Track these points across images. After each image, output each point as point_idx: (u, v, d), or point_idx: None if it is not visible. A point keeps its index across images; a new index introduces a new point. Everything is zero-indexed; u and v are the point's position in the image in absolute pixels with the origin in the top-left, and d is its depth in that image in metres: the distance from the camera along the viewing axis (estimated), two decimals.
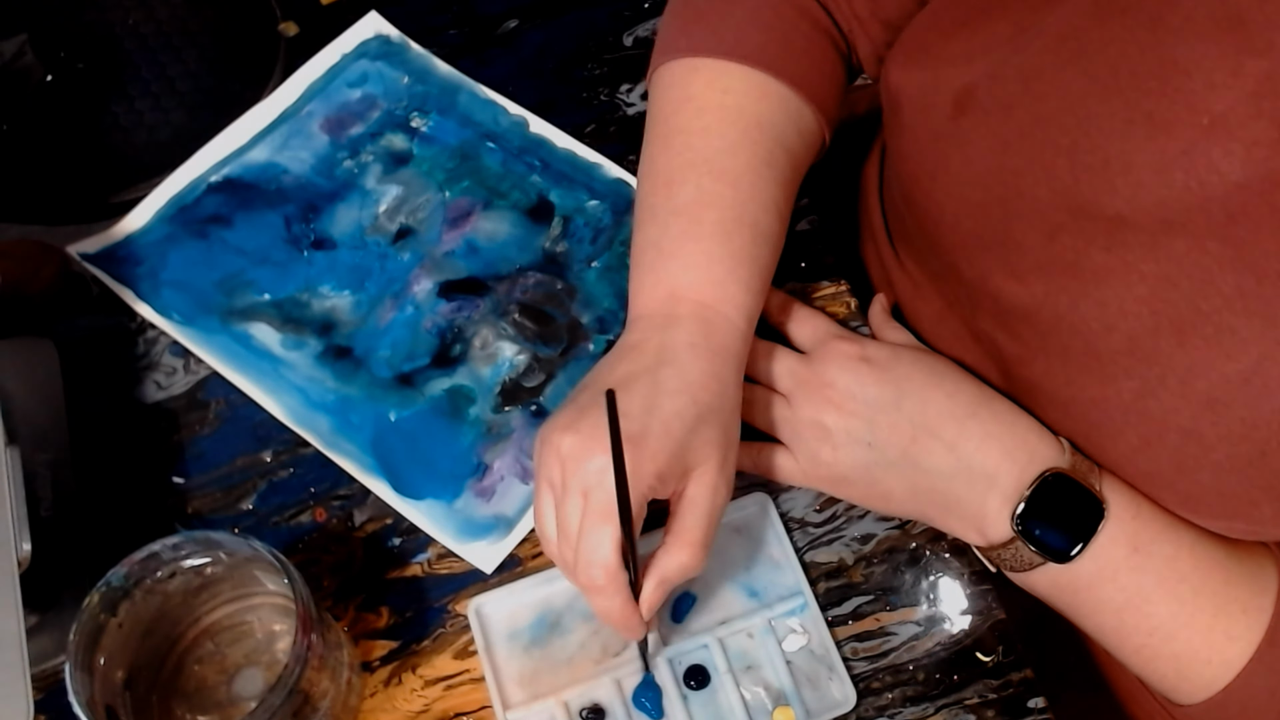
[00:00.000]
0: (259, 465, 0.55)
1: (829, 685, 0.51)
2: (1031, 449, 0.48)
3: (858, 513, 0.55)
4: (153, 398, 0.57)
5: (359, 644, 0.52)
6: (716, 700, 0.50)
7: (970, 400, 0.50)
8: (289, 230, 0.61)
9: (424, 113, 0.64)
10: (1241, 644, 0.45)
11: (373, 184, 0.62)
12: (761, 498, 0.54)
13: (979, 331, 0.53)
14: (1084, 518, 0.47)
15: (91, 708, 0.39)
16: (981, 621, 0.53)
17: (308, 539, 0.54)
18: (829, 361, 0.52)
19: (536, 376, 0.57)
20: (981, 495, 0.49)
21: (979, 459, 0.49)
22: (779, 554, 0.53)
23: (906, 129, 0.53)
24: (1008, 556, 0.49)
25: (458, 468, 0.55)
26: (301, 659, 0.40)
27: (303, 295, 0.59)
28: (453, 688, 0.51)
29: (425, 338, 0.58)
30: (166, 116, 0.64)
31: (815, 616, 0.52)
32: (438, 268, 0.60)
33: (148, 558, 0.41)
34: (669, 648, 0.51)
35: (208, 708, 0.46)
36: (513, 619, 0.52)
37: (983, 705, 0.51)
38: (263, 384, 0.56)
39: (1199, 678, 0.46)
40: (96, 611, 0.40)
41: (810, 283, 0.60)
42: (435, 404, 0.56)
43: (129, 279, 0.59)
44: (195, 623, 0.46)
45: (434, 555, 0.53)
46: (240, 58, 0.66)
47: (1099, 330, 0.45)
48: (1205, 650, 0.46)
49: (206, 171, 0.62)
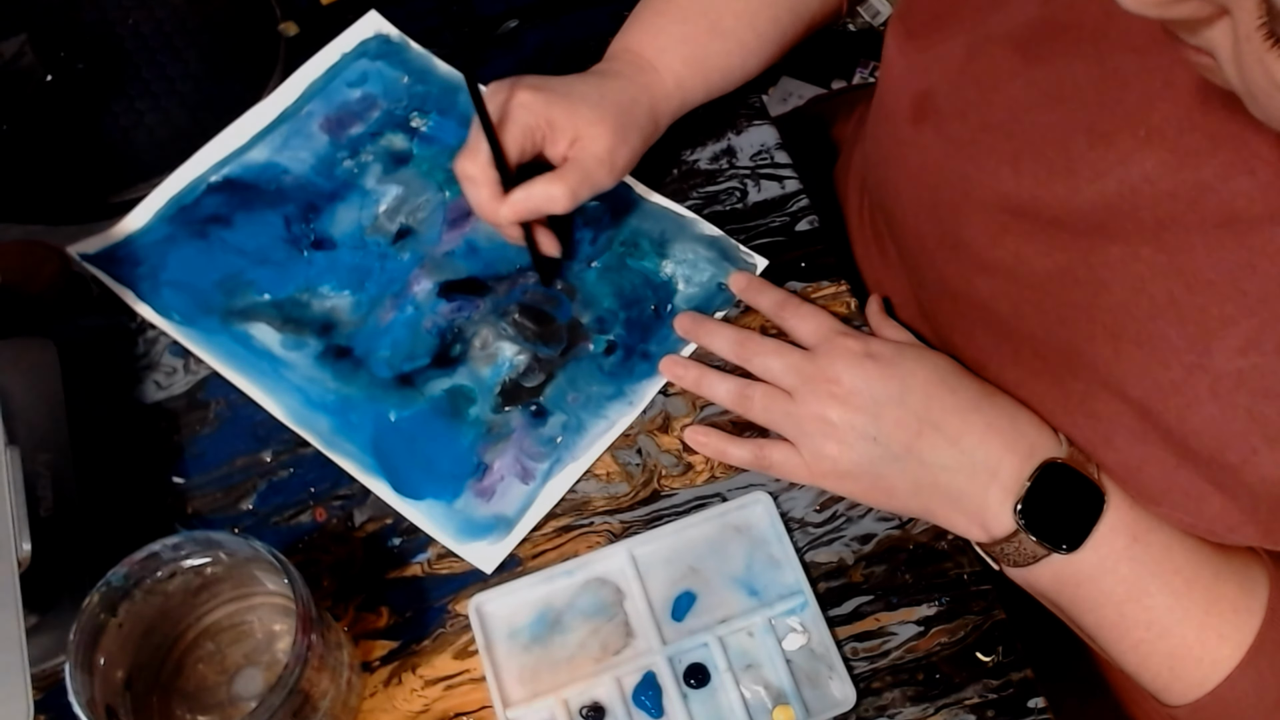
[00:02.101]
0: (259, 465, 0.55)
1: (829, 684, 0.51)
2: (1031, 441, 0.49)
3: (858, 513, 0.55)
4: (153, 398, 0.57)
5: (359, 644, 0.52)
6: (716, 699, 0.50)
7: (972, 395, 0.51)
8: (289, 230, 0.61)
9: (424, 113, 0.64)
10: (1231, 645, 0.46)
11: (373, 184, 0.62)
12: (762, 496, 0.54)
13: (943, 335, 0.55)
14: (1085, 506, 0.47)
15: (91, 708, 0.39)
16: (981, 621, 0.53)
17: (308, 539, 0.54)
18: (833, 357, 0.53)
19: (536, 376, 0.57)
20: (984, 488, 0.49)
21: (981, 452, 0.49)
22: (779, 553, 0.53)
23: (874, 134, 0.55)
24: (1010, 550, 0.49)
25: (458, 468, 0.55)
26: (301, 659, 0.40)
27: (303, 295, 0.59)
28: (453, 688, 0.51)
29: (425, 338, 0.58)
30: (166, 116, 0.64)
31: (815, 615, 0.52)
32: (438, 268, 0.60)
33: (148, 558, 0.41)
34: (669, 646, 0.51)
35: (208, 708, 0.46)
36: (513, 617, 0.52)
37: (983, 705, 0.51)
38: (263, 384, 0.56)
39: (1190, 677, 0.46)
40: (96, 611, 0.40)
41: (810, 283, 0.60)
42: (435, 404, 0.56)
43: (129, 279, 0.59)
44: (195, 623, 0.46)
45: (434, 555, 0.53)
46: (240, 58, 0.66)
47: (1042, 334, 0.47)
48: (1198, 648, 0.46)
49: (206, 171, 0.62)
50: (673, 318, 0.59)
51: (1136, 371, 0.43)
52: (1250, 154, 0.38)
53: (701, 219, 0.62)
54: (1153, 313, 0.42)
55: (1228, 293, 0.39)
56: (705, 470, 0.56)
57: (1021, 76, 0.45)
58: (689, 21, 0.58)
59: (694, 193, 0.63)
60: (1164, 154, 0.40)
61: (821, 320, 0.56)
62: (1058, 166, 0.44)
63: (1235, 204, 0.39)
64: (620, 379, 0.57)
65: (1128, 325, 0.43)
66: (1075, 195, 0.43)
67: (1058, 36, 0.44)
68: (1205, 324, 0.40)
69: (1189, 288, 0.40)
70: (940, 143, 0.50)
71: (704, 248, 0.61)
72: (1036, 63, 0.45)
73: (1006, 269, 0.48)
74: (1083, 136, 0.43)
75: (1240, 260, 0.39)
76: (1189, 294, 0.40)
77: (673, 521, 0.54)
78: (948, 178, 0.50)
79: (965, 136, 0.48)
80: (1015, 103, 0.46)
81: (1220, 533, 0.44)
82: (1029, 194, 0.45)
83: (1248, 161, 0.38)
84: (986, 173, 0.47)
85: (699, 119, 0.63)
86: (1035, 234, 0.46)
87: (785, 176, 0.63)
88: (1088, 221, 0.43)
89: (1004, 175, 0.46)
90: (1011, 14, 0.46)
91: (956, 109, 0.49)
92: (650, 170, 0.62)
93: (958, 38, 0.48)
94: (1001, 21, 0.46)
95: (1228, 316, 0.40)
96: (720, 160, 0.64)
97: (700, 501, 0.55)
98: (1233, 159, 0.38)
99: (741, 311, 0.60)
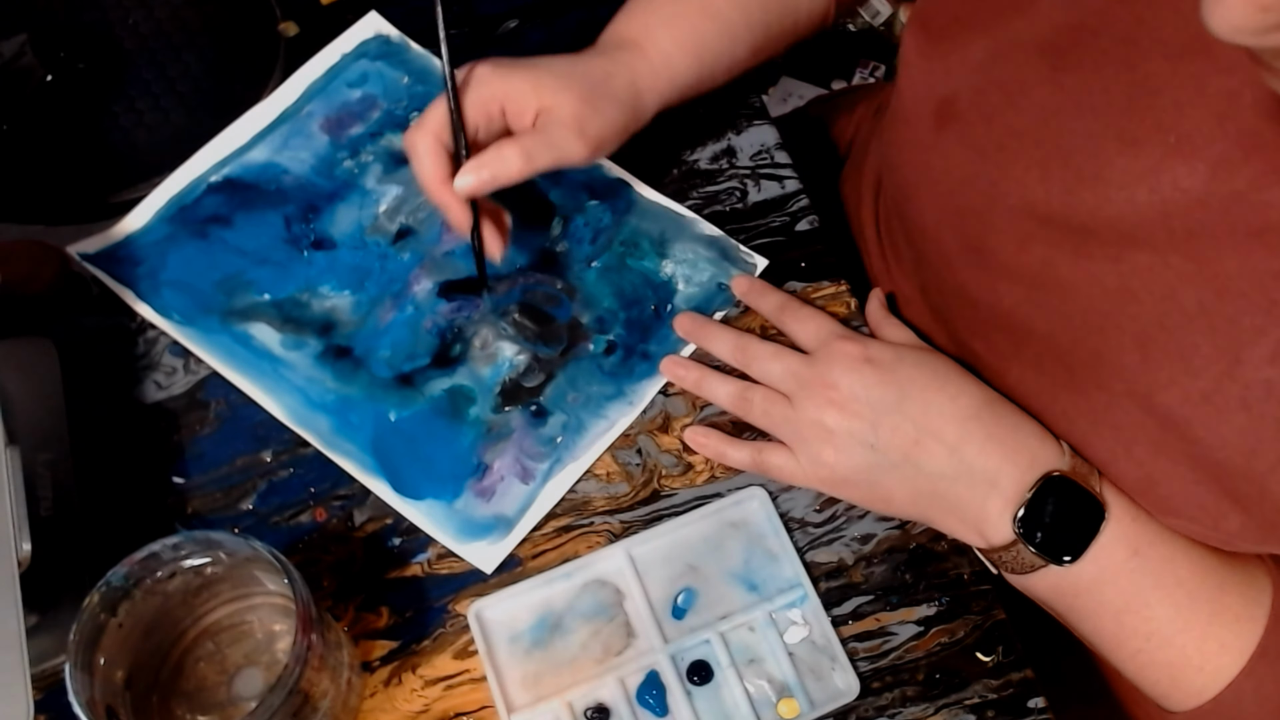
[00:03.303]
0: (259, 465, 0.55)
1: (832, 676, 0.51)
2: (1033, 452, 0.48)
3: (858, 513, 0.55)
4: (153, 398, 0.57)
5: (359, 644, 0.52)
6: (720, 695, 0.50)
7: (972, 402, 0.50)
8: (289, 230, 0.61)
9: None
10: (1233, 654, 0.45)
11: (373, 184, 0.62)
12: (757, 492, 0.54)
13: (960, 341, 0.54)
14: (1085, 520, 0.47)
15: (91, 708, 0.39)
16: (981, 621, 0.53)
17: (308, 539, 0.54)
18: (832, 362, 0.52)
19: (536, 376, 0.57)
20: (983, 498, 0.49)
21: (980, 461, 0.49)
22: (777, 547, 0.53)
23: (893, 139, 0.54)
24: (1009, 559, 0.49)
25: (458, 468, 0.55)
26: (301, 659, 0.40)
27: (303, 295, 0.59)
28: (453, 688, 0.51)
29: (425, 338, 0.58)
30: (166, 116, 0.64)
31: (816, 608, 0.52)
32: (438, 268, 0.60)
33: (148, 558, 0.41)
34: (671, 644, 0.51)
35: (208, 708, 0.46)
36: (513, 622, 0.52)
37: (983, 705, 0.51)
38: (263, 384, 0.56)
39: (1190, 685, 0.46)
40: (96, 611, 0.40)
41: (811, 283, 0.60)
42: (435, 404, 0.56)
43: (129, 279, 0.59)
44: (195, 623, 0.46)
45: (434, 555, 0.53)
46: (240, 58, 0.65)
47: (1067, 343, 0.46)
48: (1198, 658, 0.46)
49: (206, 171, 0.62)
50: (673, 318, 0.59)
51: (1165, 381, 0.42)
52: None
53: (701, 219, 0.62)
54: (1182, 322, 0.41)
55: (1259, 302, 0.39)
56: (705, 470, 0.56)
57: (1049, 82, 0.44)
58: (679, 2, 0.56)
59: (694, 193, 0.63)
60: (1195, 162, 0.40)
61: (821, 323, 0.55)
62: (1086, 174, 0.43)
63: (1268, 214, 0.38)
64: (620, 379, 0.57)
65: (1157, 334, 0.42)
66: (1105, 203, 0.43)
67: (1086, 42, 0.43)
68: (1235, 334, 0.40)
69: (1219, 297, 0.40)
70: (964, 148, 0.49)
71: (704, 248, 0.61)
72: (1064, 69, 0.44)
73: (1032, 276, 0.47)
74: (1112, 144, 0.42)
75: (1272, 270, 0.38)
76: (1219, 303, 0.40)
77: (669, 520, 0.54)
78: (973, 184, 0.49)
79: (991, 142, 0.47)
80: (1043, 109, 0.45)
81: (1236, 545, 0.44)
82: (1058, 201, 0.44)
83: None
84: (1013, 179, 0.46)
85: (699, 119, 0.63)
86: (1063, 242, 0.45)
87: (785, 176, 0.63)
88: (1117, 230, 0.43)
89: (1031, 182, 0.45)
90: (1036, 18, 0.45)
91: (981, 114, 0.48)
92: (650, 170, 0.62)
93: (978, 41, 0.48)
94: (1026, 26, 0.45)
95: (1258, 326, 0.39)
96: (720, 160, 0.64)
97: (700, 501, 0.55)
98: (1265, 168, 0.38)
99: (741, 312, 0.60)
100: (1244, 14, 0.25)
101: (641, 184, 0.62)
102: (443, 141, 0.49)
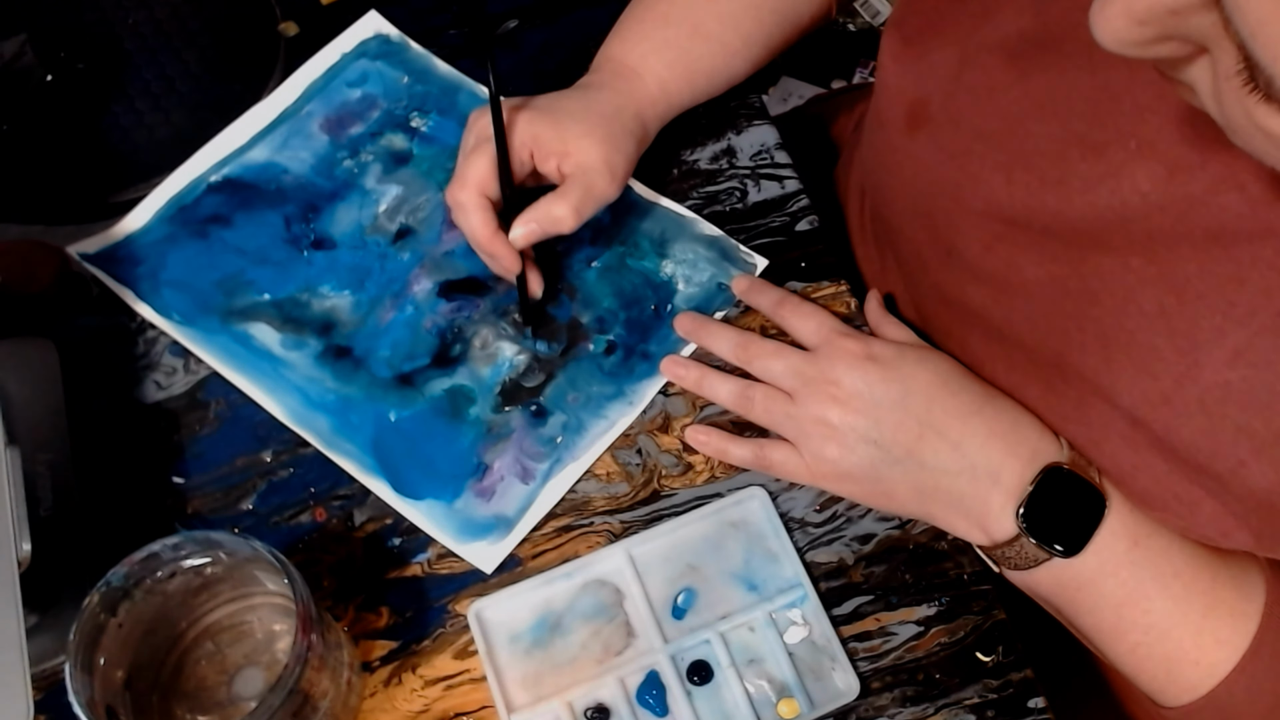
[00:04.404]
0: (259, 465, 0.55)
1: (832, 676, 0.51)
2: (1033, 445, 0.49)
3: (858, 513, 0.55)
4: (153, 398, 0.57)
5: (359, 644, 0.52)
6: (720, 695, 0.50)
7: (974, 398, 0.51)
8: (289, 230, 0.61)
9: (424, 112, 0.64)
10: (1228, 649, 0.46)
11: (373, 184, 0.62)
12: (757, 492, 0.54)
13: (939, 340, 0.55)
14: (1086, 511, 0.47)
15: (91, 708, 0.39)
16: (981, 621, 0.53)
17: (308, 539, 0.54)
18: (834, 359, 0.53)
19: (536, 376, 0.57)
20: (985, 492, 0.49)
21: (983, 456, 0.49)
22: (776, 547, 0.53)
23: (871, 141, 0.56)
24: (1012, 554, 0.49)
25: (458, 468, 0.55)
26: (301, 659, 0.40)
27: (303, 295, 0.59)
28: (453, 688, 0.51)
29: (425, 338, 0.58)
30: (166, 116, 0.64)
31: (815, 607, 0.52)
32: (438, 268, 0.60)
33: (148, 558, 0.41)
34: (671, 644, 0.51)
35: (208, 708, 0.46)
36: (513, 622, 0.52)
37: (983, 705, 0.51)
38: (263, 384, 0.56)
39: (1186, 680, 0.47)
40: (96, 611, 0.40)
41: (810, 283, 0.60)
42: (435, 404, 0.56)
43: (129, 279, 0.59)
44: (195, 623, 0.46)
45: (434, 555, 0.53)
46: (240, 58, 0.65)
47: (1032, 343, 0.47)
48: (1194, 651, 0.46)
49: (206, 171, 0.62)
50: (673, 318, 0.59)
51: (1126, 382, 0.43)
52: (1240, 169, 0.38)
53: (701, 219, 0.62)
54: (1142, 324, 0.42)
55: (1217, 305, 0.39)
56: (705, 470, 0.56)
57: (1015, 87, 0.45)
58: (671, 26, 0.58)
59: (694, 193, 0.63)
60: (1155, 167, 0.40)
61: (822, 320, 0.55)
62: (1050, 177, 0.44)
63: (1224, 218, 0.39)
64: (620, 379, 0.57)
65: (1118, 335, 0.43)
66: (1067, 206, 0.43)
67: (1050, 48, 0.44)
68: (1195, 336, 0.40)
69: (1179, 299, 0.41)
70: (934, 151, 0.50)
71: (704, 247, 0.61)
72: (1029, 73, 0.45)
73: (999, 277, 0.48)
74: (1075, 148, 0.43)
75: (1229, 273, 0.39)
76: (1179, 306, 0.41)
77: (669, 520, 0.54)
78: (941, 186, 0.50)
79: (958, 145, 0.48)
80: (1008, 113, 0.46)
81: (1214, 537, 0.45)
82: (1021, 204, 0.45)
83: (1237, 176, 0.38)
84: (979, 182, 0.47)
85: (699, 119, 0.63)
86: (1027, 243, 0.46)
87: (785, 176, 0.63)
88: (1079, 232, 0.43)
89: (997, 185, 0.46)
90: (1003, 24, 0.46)
91: (950, 118, 0.49)
92: (650, 170, 0.62)
93: (951, 46, 0.49)
94: (993, 31, 0.46)
95: (1217, 329, 0.40)
96: (720, 160, 0.64)
97: (700, 501, 0.55)
98: (1223, 174, 0.38)
99: (742, 311, 0.60)
100: (1124, 26, 0.28)
101: (641, 184, 0.62)
102: (487, 194, 0.52)
